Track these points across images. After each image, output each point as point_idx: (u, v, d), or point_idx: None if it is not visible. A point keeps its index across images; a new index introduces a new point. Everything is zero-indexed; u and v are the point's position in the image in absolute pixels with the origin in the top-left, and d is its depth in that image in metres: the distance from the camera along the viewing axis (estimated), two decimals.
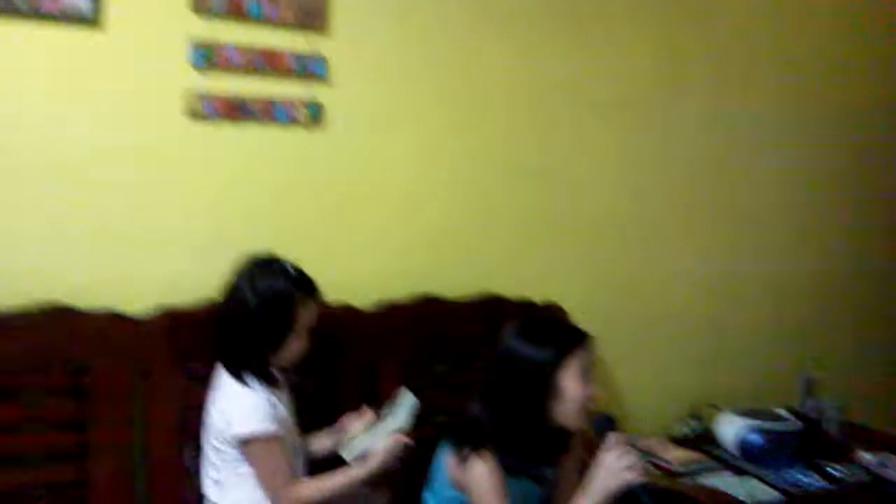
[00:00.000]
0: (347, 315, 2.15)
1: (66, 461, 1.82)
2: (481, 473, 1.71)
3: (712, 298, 2.88)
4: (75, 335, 1.85)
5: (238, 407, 1.76)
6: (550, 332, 1.79)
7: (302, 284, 1.79)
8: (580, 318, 2.45)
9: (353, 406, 2.04)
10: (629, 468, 1.65)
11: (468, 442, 1.74)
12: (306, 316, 1.79)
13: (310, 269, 2.05)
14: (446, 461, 1.79)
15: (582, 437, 1.86)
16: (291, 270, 1.79)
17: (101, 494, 1.82)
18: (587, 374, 1.75)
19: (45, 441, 1.82)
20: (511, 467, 1.74)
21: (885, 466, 2.43)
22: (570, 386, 1.73)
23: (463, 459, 1.73)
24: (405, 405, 1.87)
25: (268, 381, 1.79)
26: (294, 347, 1.80)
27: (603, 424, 1.76)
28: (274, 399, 1.79)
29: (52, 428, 1.84)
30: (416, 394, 2.17)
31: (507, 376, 1.75)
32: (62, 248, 1.94)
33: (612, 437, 1.69)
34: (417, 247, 2.36)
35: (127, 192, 2.00)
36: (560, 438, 1.81)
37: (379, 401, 2.09)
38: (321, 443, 1.94)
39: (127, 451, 1.86)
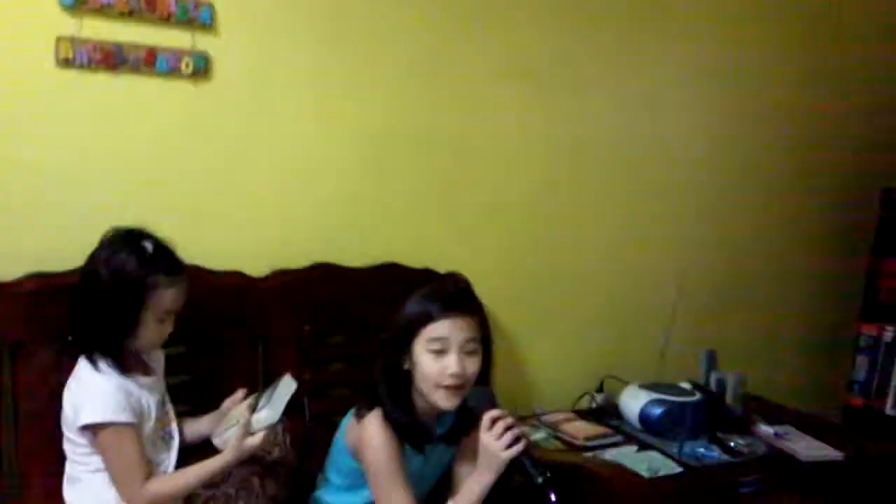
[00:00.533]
0: (238, 283, 2.05)
1: None
2: (376, 435, 1.68)
3: (621, 274, 2.87)
4: None
5: (87, 394, 1.65)
6: (426, 295, 1.73)
7: (159, 266, 1.66)
8: (485, 290, 2.38)
9: (246, 382, 1.94)
10: (508, 445, 1.63)
11: (364, 403, 1.72)
12: (164, 300, 1.67)
13: (195, 236, 1.95)
14: (346, 428, 1.77)
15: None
16: (149, 249, 1.66)
17: None
18: (447, 348, 1.68)
19: None
20: (404, 435, 1.71)
21: (784, 439, 2.46)
22: (423, 359, 1.69)
23: (358, 415, 1.72)
24: (283, 391, 1.75)
25: (121, 367, 1.67)
26: (151, 332, 1.69)
27: (479, 400, 1.71)
28: (130, 386, 1.68)
29: None
30: (311, 366, 2.11)
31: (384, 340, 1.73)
32: None
33: (487, 416, 1.66)
34: (314, 212, 2.27)
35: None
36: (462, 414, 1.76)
37: (273, 375, 2.01)
38: (197, 428, 1.84)
39: None
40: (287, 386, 1.75)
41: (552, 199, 2.70)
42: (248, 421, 1.66)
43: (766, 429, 2.51)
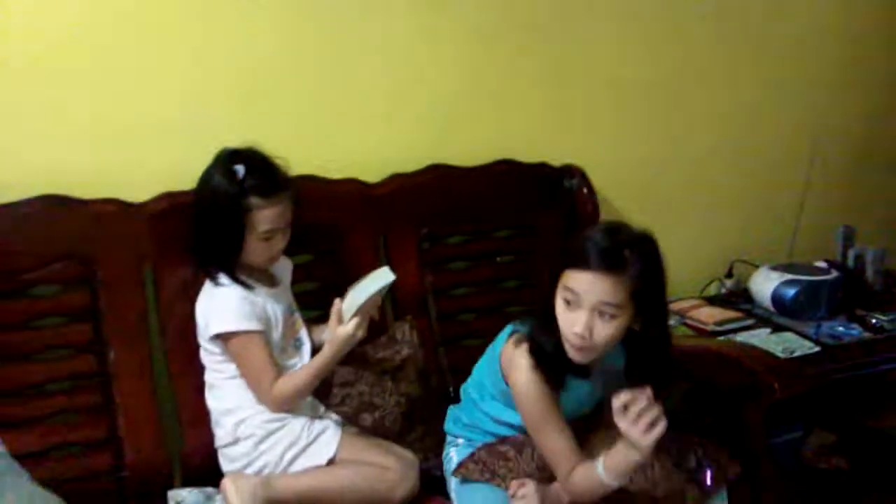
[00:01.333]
0: (355, 189, 2.09)
1: (83, 352, 1.82)
2: (526, 381, 1.58)
3: (747, 151, 2.74)
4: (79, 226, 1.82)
5: (212, 306, 1.75)
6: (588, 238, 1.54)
7: (252, 188, 1.70)
8: (604, 182, 2.41)
9: None
10: (645, 430, 1.41)
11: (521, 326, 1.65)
12: (262, 221, 1.71)
13: (310, 146, 2.00)
14: (501, 350, 1.68)
15: None
16: (241, 173, 1.69)
17: (122, 382, 1.81)
18: (577, 302, 1.51)
19: (60, 333, 1.81)
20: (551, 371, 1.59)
21: None
22: (558, 305, 1.55)
23: (515, 341, 1.62)
24: (374, 279, 1.74)
25: (239, 281, 1.75)
26: (258, 251, 1.75)
27: (607, 381, 1.57)
28: (254, 296, 1.75)
29: (67, 321, 1.82)
30: (432, 269, 2.15)
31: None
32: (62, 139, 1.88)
33: (616, 401, 1.42)
34: (424, 113, 2.26)
35: (116, 78, 1.91)
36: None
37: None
38: (323, 333, 1.90)
39: (143, 341, 1.84)
40: (381, 276, 1.74)
41: (668, 79, 2.59)
42: (337, 310, 1.71)
43: None
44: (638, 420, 1.40)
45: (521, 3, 2.34)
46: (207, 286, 1.78)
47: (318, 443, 1.75)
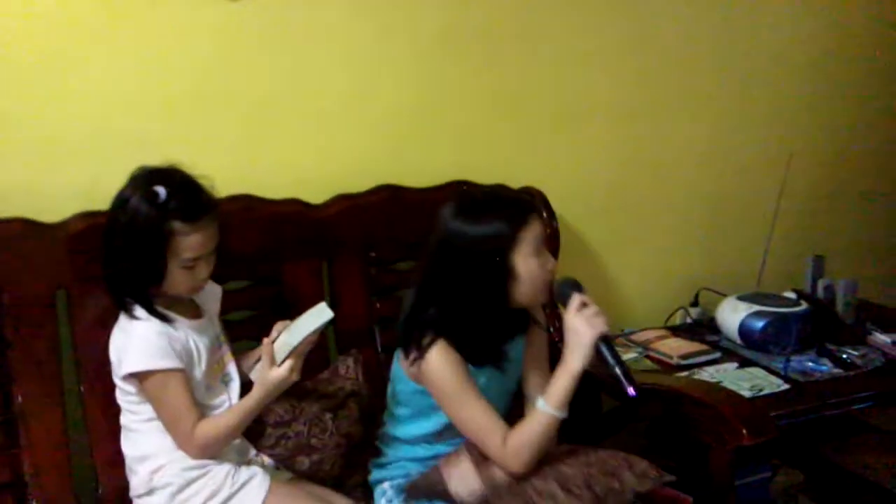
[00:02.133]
0: (297, 210, 1.96)
1: None
2: (439, 364, 1.60)
3: (714, 176, 2.67)
4: None
5: (126, 342, 1.59)
6: (494, 206, 1.63)
7: (175, 211, 1.53)
8: (565, 202, 2.31)
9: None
10: (598, 317, 1.57)
11: (418, 336, 1.61)
12: (184, 247, 1.55)
13: (247, 164, 1.86)
14: (400, 362, 1.71)
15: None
16: (162, 195, 1.53)
17: (29, 420, 1.66)
18: (542, 247, 1.64)
19: None
20: (470, 357, 1.64)
21: None
22: (527, 264, 1.60)
23: (417, 357, 1.62)
24: (311, 317, 1.60)
25: (157, 314, 1.60)
26: (178, 280, 1.58)
27: (565, 290, 1.63)
28: (174, 330, 1.60)
29: None
30: (380, 297, 2.03)
31: (454, 263, 1.60)
32: None
33: (578, 298, 1.59)
34: (374, 130, 2.14)
35: (28, 86, 1.77)
36: (519, 316, 1.73)
37: (337, 306, 1.94)
38: (252, 362, 1.76)
39: (54, 375, 1.70)
40: (318, 314, 1.59)
41: (632, 96, 2.50)
42: (269, 351, 1.57)
43: (882, 338, 2.33)
44: (589, 310, 1.57)
45: (482, 14, 2.24)
46: (121, 320, 1.62)
47: (243, 493, 1.60)
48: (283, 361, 1.56)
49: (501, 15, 2.26)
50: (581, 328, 1.56)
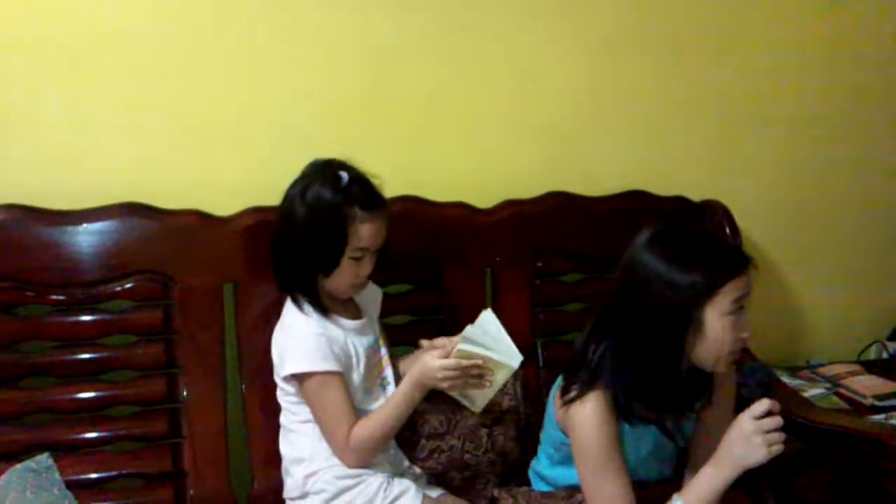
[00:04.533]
0: (462, 215, 1.92)
1: (153, 375, 1.73)
2: (586, 418, 1.48)
3: None
4: (157, 238, 1.73)
5: (287, 341, 1.62)
6: (701, 250, 1.48)
7: (356, 197, 1.56)
8: (749, 217, 2.18)
9: (468, 320, 1.81)
10: (774, 443, 1.38)
11: (576, 380, 1.50)
12: (360, 235, 1.56)
13: (414, 165, 1.86)
14: (554, 398, 1.60)
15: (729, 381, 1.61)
16: (345, 179, 1.56)
17: (192, 411, 1.71)
18: (741, 311, 1.46)
19: (130, 353, 1.72)
20: (633, 414, 1.50)
21: None
22: (719, 324, 1.44)
23: (567, 401, 1.51)
24: (502, 360, 1.56)
25: (322, 308, 1.61)
26: (344, 271, 1.58)
27: (753, 379, 1.51)
28: (335, 330, 1.61)
29: (138, 339, 1.73)
30: (544, 309, 1.96)
31: (636, 301, 1.46)
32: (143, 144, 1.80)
33: (763, 404, 1.40)
34: (545, 134, 2.08)
35: (200, 79, 1.82)
36: (698, 383, 1.55)
37: (499, 315, 1.90)
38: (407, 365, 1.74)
39: (217, 368, 1.74)
40: (508, 356, 1.56)
41: (831, 112, 2.33)
42: (428, 347, 1.59)
43: None
44: (770, 433, 1.38)
45: (662, 15, 2.14)
46: (284, 318, 1.65)
47: None
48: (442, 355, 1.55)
49: (684, 16, 2.16)
50: (753, 441, 1.38)
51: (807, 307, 2.42)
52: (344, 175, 1.57)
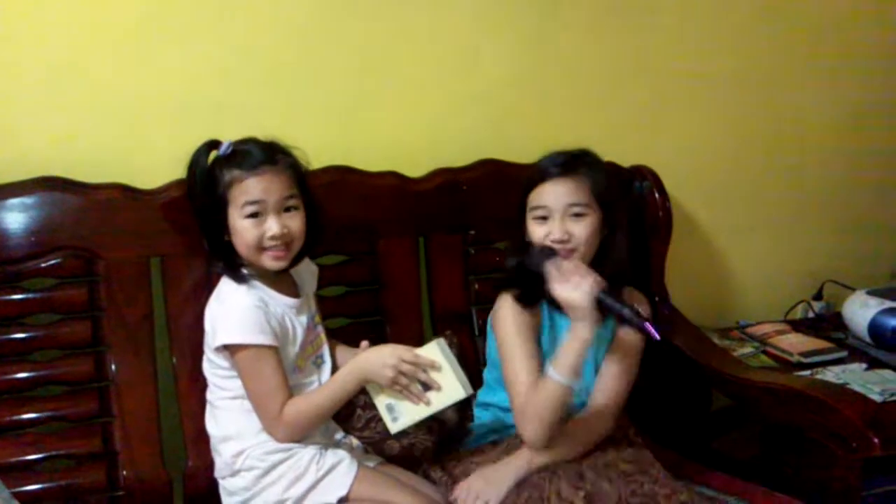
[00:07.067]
0: (391, 184, 1.94)
1: (79, 354, 1.71)
2: (502, 314, 1.72)
3: (847, 156, 2.54)
4: (80, 213, 1.70)
5: (221, 312, 1.61)
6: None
7: (234, 159, 1.58)
8: (679, 183, 2.24)
9: (406, 293, 1.93)
10: (583, 279, 1.56)
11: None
12: (241, 191, 1.56)
13: (344, 135, 1.86)
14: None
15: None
16: (225, 147, 1.60)
17: (121, 389, 1.70)
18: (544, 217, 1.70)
19: (55, 331, 1.70)
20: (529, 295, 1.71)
21: None
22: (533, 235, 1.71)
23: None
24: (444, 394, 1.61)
25: (240, 278, 1.61)
26: (247, 233, 1.57)
27: (538, 258, 1.65)
28: (273, 304, 1.61)
29: (63, 317, 1.71)
30: (478, 277, 2.01)
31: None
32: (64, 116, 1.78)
33: (551, 269, 1.60)
34: (478, 104, 2.11)
35: (125, 50, 1.79)
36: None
37: (435, 286, 1.95)
38: (347, 358, 1.74)
39: (146, 344, 1.72)
40: (452, 390, 1.61)
41: (755, 73, 2.40)
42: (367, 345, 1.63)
43: None
44: (572, 279, 1.57)
45: None
46: (219, 289, 1.64)
47: (329, 479, 1.58)
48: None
49: None
50: (575, 300, 1.55)
51: (736, 270, 2.49)
52: (224, 144, 1.60)
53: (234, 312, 1.58)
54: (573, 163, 1.71)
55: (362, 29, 1.98)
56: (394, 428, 1.63)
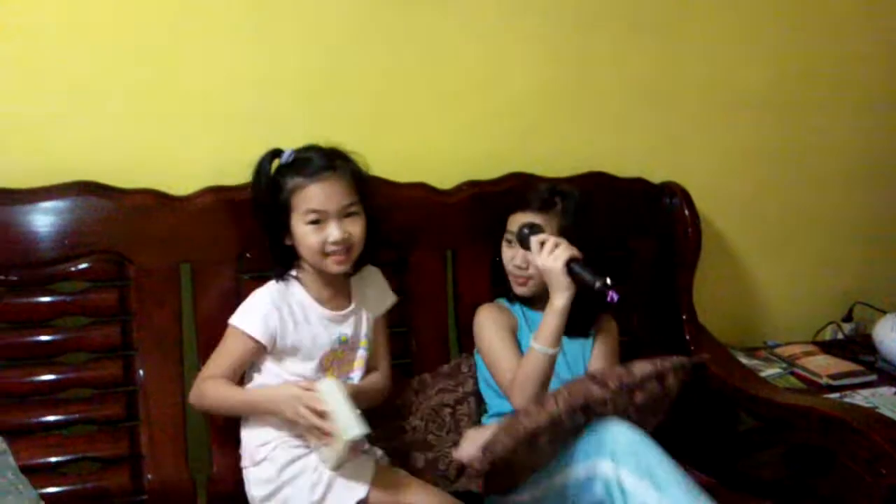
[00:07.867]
0: (420, 195, 1.95)
1: (108, 357, 1.73)
2: (482, 318, 1.87)
3: (878, 178, 2.53)
4: (113, 217, 1.72)
5: (245, 301, 1.67)
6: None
7: (297, 167, 1.62)
8: (708, 201, 2.24)
9: (433, 304, 1.94)
10: (557, 247, 1.69)
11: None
12: (304, 198, 1.60)
13: (374, 147, 1.85)
14: None
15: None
16: (287, 155, 1.65)
17: (148, 393, 1.72)
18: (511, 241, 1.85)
19: (85, 335, 1.72)
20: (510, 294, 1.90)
21: None
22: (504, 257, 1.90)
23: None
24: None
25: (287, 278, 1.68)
26: (309, 239, 1.60)
27: (523, 237, 1.77)
28: (289, 310, 1.65)
29: (93, 321, 1.73)
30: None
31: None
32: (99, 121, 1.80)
33: (534, 241, 1.73)
34: (505, 115, 2.11)
35: (159, 57, 1.82)
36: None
37: (462, 298, 1.96)
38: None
39: (174, 348, 1.74)
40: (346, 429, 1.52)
41: (789, 93, 2.39)
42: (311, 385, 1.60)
43: None
44: (553, 251, 1.69)
45: None
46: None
47: (346, 479, 1.58)
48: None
49: (635, 4, 2.19)
50: (548, 265, 1.68)
51: (764, 289, 2.48)
52: (287, 152, 1.64)
53: (249, 300, 1.67)
54: (551, 200, 1.84)
55: (393, 39, 2.00)
56: (328, 468, 1.59)
